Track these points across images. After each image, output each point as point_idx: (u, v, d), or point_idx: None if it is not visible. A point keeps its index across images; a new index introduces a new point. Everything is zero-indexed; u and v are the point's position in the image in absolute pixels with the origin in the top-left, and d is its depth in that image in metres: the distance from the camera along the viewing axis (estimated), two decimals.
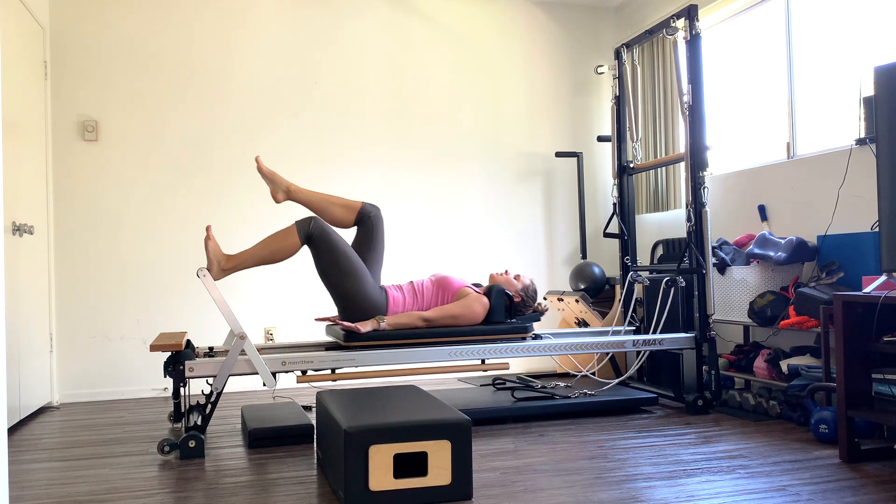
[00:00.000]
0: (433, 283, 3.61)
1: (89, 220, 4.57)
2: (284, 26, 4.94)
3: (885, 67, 2.74)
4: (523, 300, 3.70)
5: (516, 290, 3.69)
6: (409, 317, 3.43)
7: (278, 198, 3.48)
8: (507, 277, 3.72)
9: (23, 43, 4.00)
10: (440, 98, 5.25)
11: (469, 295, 3.53)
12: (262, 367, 3.20)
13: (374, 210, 3.51)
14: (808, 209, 3.94)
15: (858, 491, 2.44)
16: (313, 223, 3.32)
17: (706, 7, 4.63)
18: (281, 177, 3.49)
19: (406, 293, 3.54)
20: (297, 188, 3.49)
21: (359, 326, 3.34)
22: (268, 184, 3.50)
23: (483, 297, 3.56)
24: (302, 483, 2.65)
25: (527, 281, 3.74)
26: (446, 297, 3.57)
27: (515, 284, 3.70)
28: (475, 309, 3.51)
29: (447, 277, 3.62)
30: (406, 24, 5.20)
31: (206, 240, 3.24)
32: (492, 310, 3.57)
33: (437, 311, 3.48)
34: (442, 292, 3.58)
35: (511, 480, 2.63)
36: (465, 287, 3.58)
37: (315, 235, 3.32)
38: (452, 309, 3.49)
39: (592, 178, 5.62)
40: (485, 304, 3.54)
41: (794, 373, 3.49)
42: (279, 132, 4.91)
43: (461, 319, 3.50)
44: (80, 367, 4.52)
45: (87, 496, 2.55)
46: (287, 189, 3.48)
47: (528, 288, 3.72)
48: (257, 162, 3.44)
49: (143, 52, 4.68)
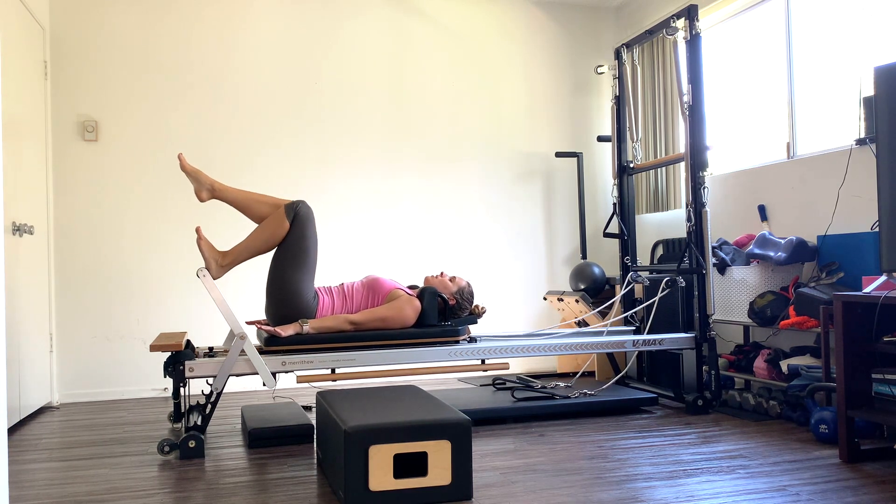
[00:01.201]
0: (363, 285, 3.51)
1: (89, 220, 4.57)
2: (284, 26, 4.94)
3: (885, 67, 2.74)
4: (458, 303, 3.59)
5: (451, 292, 3.59)
6: (334, 320, 3.33)
7: (202, 196, 3.33)
8: (441, 279, 3.61)
9: (23, 43, 4.00)
10: (440, 98, 5.25)
11: (400, 297, 3.44)
12: (262, 367, 3.20)
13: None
14: (808, 209, 3.94)
15: (858, 491, 2.44)
16: (301, 204, 3.29)
17: (706, 7, 4.63)
18: (205, 175, 3.33)
19: (335, 296, 3.44)
20: (223, 186, 3.34)
21: (279, 330, 3.23)
22: (192, 182, 3.34)
23: (415, 299, 3.46)
24: (302, 483, 2.65)
25: (462, 283, 3.63)
26: (376, 300, 3.47)
27: (450, 286, 3.60)
28: (405, 312, 3.41)
29: (378, 279, 3.52)
30: (406, 24, 5.20)
31: (199, 241, 3.22)
32: (423, 312, 3.47)
33: (365, 314, 3.37)
34: (372, 294, 3.48)
35: (511, 480, 2.63)
36: (397, 289, 3.48)
37: (300, 215, 3.26)
38: (381, 311, 3.39)
39: (592, 178, 5.62)
40: (416, 306, 3.44)
41: (794, 373, 3.49)
42: (279, 132, 4.91)
43: (390, 322, 3.40)
44: (80, 367, 4.52)
45: (87, 496, 2.55)
46: (212, 187, 3.32)
47: (463, 290, 3.61)
48: (180, 159, 3.31)
49: (142, 52, 4.68)
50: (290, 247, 3.29)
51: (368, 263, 5.06)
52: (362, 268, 5.04)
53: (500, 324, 5.33)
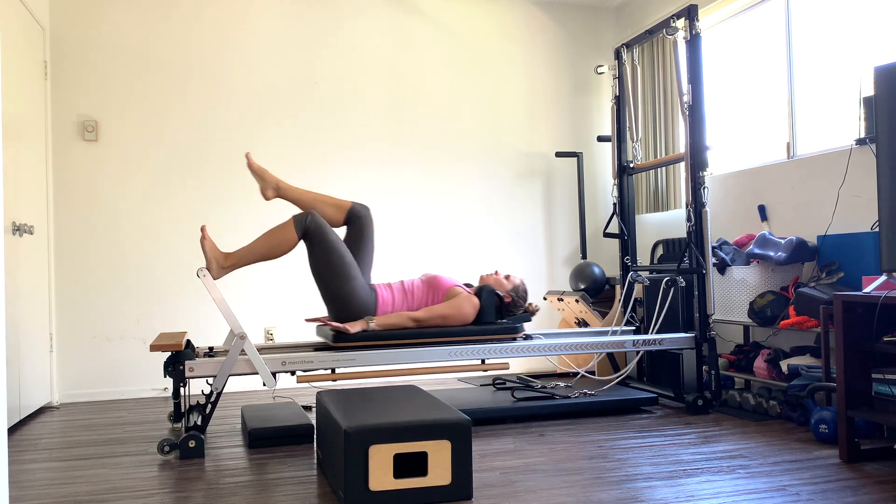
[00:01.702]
0: (423, 283, 3.59)
1: (89, 220, 4.57)
2: (284, 26, 4.94)
3: (885, 67, 2.74)
4: (514, 300, 3.68)
5: (506, 290, 3.67)
6: (398, 317, 3.41)
7: (268, 195, 3.47)
8: (497, 277, 3.70)
9: (23, 43, 4.00)
10: (440, 98, 5.25)
11: (459, 295, 3.51)
12: (262, 367, 3.20)
13: (363, 210, 3.50)
14: (808, 209, 3.94)
15: (858, 491, 2.44)
16: (310, 218, 3.31)
17: (706, 7, 4.63)
18: (271, 174, 3.47)
19: (396, 292, 3.51)
20: (287, 185, 3.48)
21: (347, 327, 3.32)
22: (257, 181, 3.48)
23: (473, 297, 3.54)
24: (302, 483, 2.65)
25: (517, 281, 3.72)
26: (436, 297, 3.55)
27: (506, 284, 3.68)
28: (465, 309, 3.49)
29: (437, 277, 3.60)
30: (406, 23, 5.20)
31: (202, 240, 3.24)
32: (482, 310, 3.55)
33: (427, 312, 3.45)
34: (432, 292, 3.55)
35: (511, 480, 2.63)
36: (456, 287, 3.56)
37: (311, 230, 3.31)
38: (442, 309, 3.46)
39: (592, 178, 5.62)
40: (475, 304, 3.52)
41: (794, 373, 3.49)
42: (279, 132, 4.91)
43: (451, 319, 3.48)
44: (80, 367, 4.52)
45: (87, 496, 2.55)
46: (276, 186, 3.46)
47: (518, 288, 3.70)
48: (247, 158, 3.43)
49: (142, 52, 4.68)
50: (321, 259, 3.34)
51: None
52: None
53: None
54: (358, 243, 3.48)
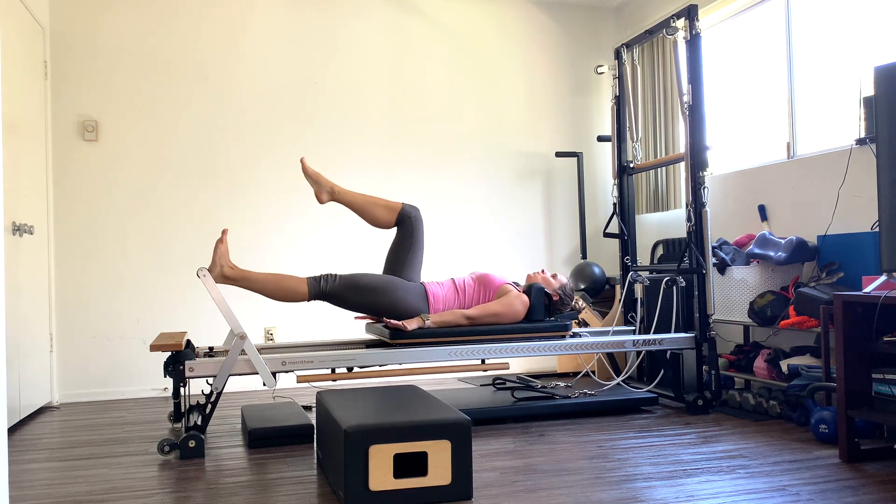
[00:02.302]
0: (475, 281, 3.66)
1: (89, 220, 4.57)
2: (285, 26, 4.94)
3: (885, 67, 2.74)
4: (561, 298, 3.75)
5: (554, 288, 3.74)
6: (452, 315, 3.48)
7: (322, 199, 3.52)
8: (545, 276, 3.77)
9: (23, 43, 4.00)
10: (440, 98, 5.26)
11: (510, 293, 3.58)
12: (262, 367, 3.20)
13: (413, 211, 3.57)
14: (808, 209, 3.94)
15: (858, 491, 2.44)
16: (324, 283, 3.38)
17: (706, 7, 4.63)
18: (325, 178, 3.53)
19: (447, 289, 3.59)
20: (342, 189, 3.53)
21: (405, 324, 3.39)
22: (312, 185, 3.54)
23: (523, 295, 3.62)
24: (302, 483, 2.65)
25: (564, 280, 3.79)
26: (487, 295, 3.62)
27: (553, 283, 3.75)
28: (516, 307, 3.55)
29: (488, 275, 3.67)
30: (406, 24, 5.20)
31: (219, 242, 3.25)
32: (532, 308, 3.63)
33: (480, 309, 3.52)
34: (483, 290, 3.63)
35: (511, 480, 2.63)
36: (506, 285, 3.62)
37: (328, 293, 3.38)
38: (494, 307, 3.53)
39: (592, 178, 5.62)
40: (525, 302, 3.59)
41: (794, 373, 3.49)
42: (279, 132, 4.91)
43: (503, 317, 3.54)
44: (80, 367, 4.52)
45: (87, 496, 2.55)
46: (331, 190, 3.52)
47: (565, 287, 3.77)
48: (302, 163, 3.49)
49: (143, 52, 4.68)
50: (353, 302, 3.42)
51: (368, 263, 5.06)
52: (362, 267, 5.04)
53: None
54: (409, 242, 3.55)
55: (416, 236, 3.55)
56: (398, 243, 3.56)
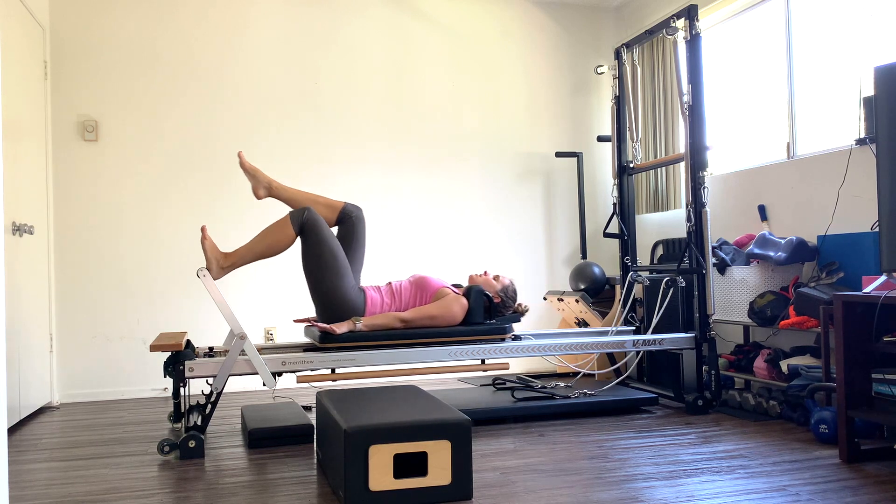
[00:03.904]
0: (411, 284, 3.57)
1: (89, 220, 4.57)
2: (284, 26, 4.94)
3: (885, 67, 2.74)
4: (503, 301, 3.66)
5: (495, 290, 3.65)
6: (386, 317, 3.39)
7: (259, 194, 3.46)
8: (486, 278, 3.68)
9: (23, 43, 4.00)
10: (440, 98, 5.25)
11: (448, 295, 3.49)
12: (262, 367, 3.20)
13: (355, 210, 3.48)
14: (808, 209, 3.94)
15: (858, 491, 2.44)
16: (306, 213, 3.30)
17: (706, 7, 4.63)
18: (263, 173, 3.46)
19: (384, 294, 3.50)
20: (280, 185, 3.46)
21: (334, 328, 3.30)
22: (250, 180, 3.47)
23: (462, 297, 3.52)
24: (302, 483, 2.65)
25: (506, 281, 3.69)
26: (425, 298, 3.53)
27: (495, 285, 3.66)
28: (454, 310, 3.47)
29: (426, 278, 3.58)
30: (406, 24, 5.20)
31: (203, 240, 3.24)
32: (471, 311, 3.53)
33: (415, 312, 3.43)
34: (420, 293, 3.54)
35: (511, 480, 2.63)
36: (444, 287, 3.54)
37: (307, 226, 3.30)
38: (430, 310, 3.44)
39: (592, 178, 5.62)
40: (463, 304, 3.50)
41: (794, 373, 3.49)
42: (279, 132, 4.91)
43: (439, 320, 3.46)
44: (80, 367, 4.52)
45: (87, 496, 2.55)
46: (269, 185, 3.45)
47: (507, 288, 3.67)
48: (240, 157, 3.41)
49: (143, 52, 4.68)
50: (313, 255, 3.32)
51: (369, 263, 5.06)
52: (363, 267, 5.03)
53: None
54: (349, 243, 3.47)
55: (356, 237, 3.45)
56: None
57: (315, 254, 3.31)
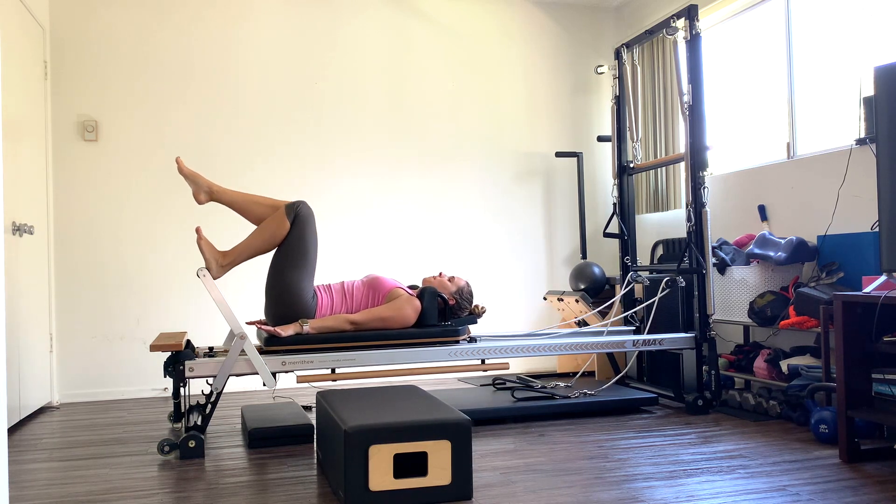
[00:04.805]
0: (364, 284, 3.50)
1: (89, 220, 4.57)
2: (284, 26, 4.94)
3: (885, 67, 2.74)
4: (458, 303, 3.59)
5: (450, 292, 3.58)
6: (335, 320, 3.32)
7: (200, 199, 3.32)
8: (440, 280, 3.61)
9: (23, 43, 4.00)
10: (440, 98, 5.25)
11: (400, 297, 3.42)
12: (262, 367, 3.20)
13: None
14: (808, 209, 3.94)
15: (858, 491, 2.44)
16: (302, 204, 3.29)
17: (706, 7, 4.63)
18: (203, 177, 3.33)
19: (334, 294, 3.43)
20: (220, 188, 3.34)
21: (278, 330, 3.23)
22: (190, 184, 3.34)
23: (415, 299, 3.45)
24: (302, 483, 2.65)
25: (462, 283, 3.63)
26: (377, 299, 3.46)
27: (449, 286, 3.59)
28: (406, 311, 3.40)
29: (379, 278, 3.51)
30: (406, 24, 5.20)
31: (199, 241, 3.23)
32: (424, 313, 3.46)
33: (366, 314, 3.36)
34: (372, 293, 3.47)
35: (511, 480, 2.63)
36: (397, 288, 3.47)
37: (300, 216, 3.27)
38: (381, 311, 3.38)
39: (592, 178, 5.62)
40: (416, 306, 3.43)
41: (794, 373, 3.49)
42: (279, 132, 4.91)
43: (391, 322, 3.38)
44: (80, 367, 4.52)
45: (87, 496, 2.55)
46: (209, 189, 3.32)
47: (462, 290, 3.61)
48: (178, 162, 3.29)
49: (143, 52, 4.68)
50: (289, 247, 3.29)
51: (369, 263, 5.06)
52: (363, 267, 5.04)
53: (501, 324, 5.33)
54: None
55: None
56: None
57: (296, 247, 3.26)
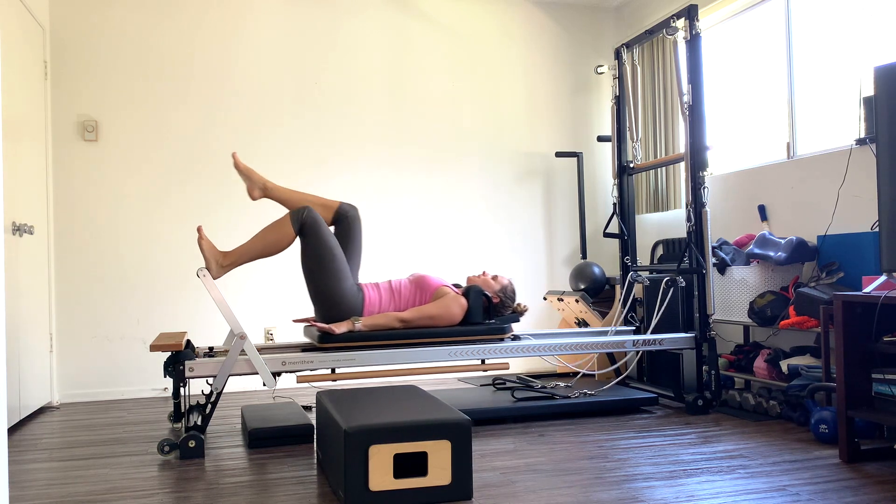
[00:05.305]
0: (411, 283, 3.56)
1: (89, 220, 4.57)
2: (284, 26, 4.94)
3: (885, 67, 2.74)
4: (502, 301, 3.65)
5: (494, 290, 3.64)
6: (385, 317, 3.39)
7: (254, 195, 3.45)
8: (484, 278, 3.67)
9: (23, 43, 4.00)
10: (440, 98, 5.25)
11: (447, 295, 3.48)
12: (262, 367, 3.20)
13: (351, 210, 3.48)
14: (808, 209, 3.94)
15: (858, 491, 2.44)
16: (306, 213, 3.30)
17: (706, 7, 4.63)
18: (258, 174, 3.46)
19: (383, 292, 3.49)
20: (274, 185, 3.46)
21: (333, 328, 3.29)
22: (244, 181, 3.46)
23: (461, 297, 3.51)
24: (302, 483, 2.65)
25: (505, 281, 3.69)
26: (424, 297, 3.52)
27: (493, 285, 3.65)
28: (453, 309, 3.46)
29: (425, 277, 3.57)
30: (406, 24, 5.20)
31: (200, 240, 3.23)
32: (470, 311, 3.52)
33: (414, 312, 3.43)
34: (420, 292, 3.53)
35: (511, 480, 2.63)
36: (444, 287, 3.53)
37: (306, 225, 3.29)
38: (430, 309, 3.44)
39: (592, 178, 5.62)
40: (463, 304, 3.49)
41: (794, 373, 3.49)
42: (279, 132, 4.91)
43: (438, 320, 3.45)
44: (80, 367, 4.52)
45: (87, 496, 2.55)
46: (263, 186, 3.45)
47: (506, 288, 3.67)
48: (234, 158, 3.41)
49: (143, 51, 4.68)
50: (311, 257, 3.32)
51: (369, 263, 5.06)
52: (363, 268, 5.04)
53: None
54: (346, 243, 3.47)
55: (352, 236, 3.45)
56: None
57: (314, 254, 3.31)
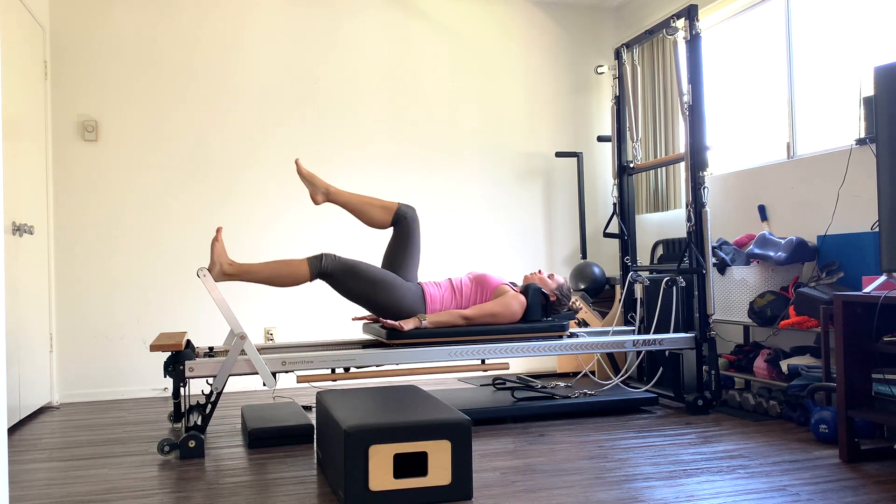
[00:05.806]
0: (472, 281, 3.66)
1: (89, 220, 4.57)
2: (285, 26, 4.94)
3: (885, 67, 2.74)
4: (558, 299, 3.76)
5: (551, 289, 3.74)
6: (449, 315, 3.48)
7: (318, 199, 3.51)
8: (542, 277, 3.78)
9: (23, 43, 4.00)
10: (440, 98, 5.25)
11: (507, 293, 3.58)
12: (262, 367, 3.20)
13: (410, 211, 3.56)
14: (808, 209, 3.94)
15: (858, 491, 2.44)
16: (325, 260, 3.36)
17: (706, 7, 4.63)
18: (321, 179, 3.52)
19: (444, 290, 3.59)
20: (337, 190, 3.52)
21: (402, 324, 3.39)
22: (307, 186, 3.52)
23: (521, 295, 3.61)
24: (302, 483, 2.65)
25: (561, 280, 3.79)
26: (484, 295, 3.62)
27: (550, 284, 3.76)
28: (513, 307, 3.55)
29: (485, 275, 3.67)
30: (406, 24, 5.20)
31: (214, 241, 3.25)
32: (529, 308, 3.63)
33: (477, 310, 3.52)
34: (480, 290, 3.63)
35: (511, 480, 2.63)
36: (503, 285, 3.63)
37: (329, 271, 3.36)
38: (492, 307, 3.53)
39: (592, 178, 5.62)
40: (522, 302, 3.59)
41: (794, 373, 3.49)
42: (279, 132, 4.91)
43: (500, 318, 3.55)
44: (80, 367, 4.52)
45: (87, 496, 2.55)
46: (327, 191, 3.50)
47: (562, 287, 3.78)
48: (297, 165, 3.47)
49: (143, 51, 4.68)
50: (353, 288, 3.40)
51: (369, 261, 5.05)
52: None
53: None
54: (405, 243, 3.54)
55: (412, 236, 3.54)
56: (395, 243, 3.55)
57: (355, 287, 3.39)
